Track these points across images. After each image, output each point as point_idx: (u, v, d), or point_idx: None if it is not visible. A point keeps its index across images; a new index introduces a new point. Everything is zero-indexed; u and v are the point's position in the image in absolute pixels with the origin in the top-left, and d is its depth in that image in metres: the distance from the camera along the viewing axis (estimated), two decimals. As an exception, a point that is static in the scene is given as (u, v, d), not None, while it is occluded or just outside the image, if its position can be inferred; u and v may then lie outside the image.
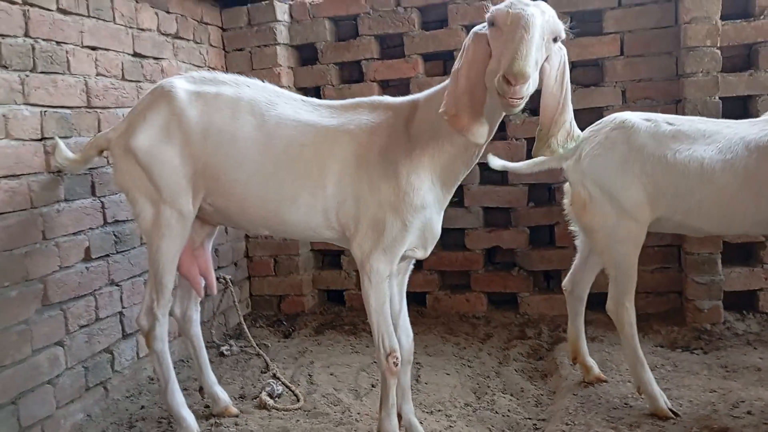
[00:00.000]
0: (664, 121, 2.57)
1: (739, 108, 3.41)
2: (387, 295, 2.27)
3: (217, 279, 2.87)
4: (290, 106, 2.34)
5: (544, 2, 1.85)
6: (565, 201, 2.79)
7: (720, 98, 3.32)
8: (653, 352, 3.08)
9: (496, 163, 2.94)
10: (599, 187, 2.53)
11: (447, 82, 2.16)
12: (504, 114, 2.08)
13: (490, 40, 1.86)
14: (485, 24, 1.90)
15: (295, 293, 4.12)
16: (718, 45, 3.30)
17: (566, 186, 2.76)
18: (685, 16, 3.30)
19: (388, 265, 2.23)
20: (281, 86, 3.02)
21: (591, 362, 2.86)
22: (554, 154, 1.99)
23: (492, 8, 1.86)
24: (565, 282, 2.92)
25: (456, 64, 1.98)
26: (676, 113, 3.28)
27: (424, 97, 2.21)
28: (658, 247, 3.58)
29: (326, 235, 2.34)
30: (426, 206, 2.18)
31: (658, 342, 3.25)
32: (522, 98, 1.72)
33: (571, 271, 2.91)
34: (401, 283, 2.49)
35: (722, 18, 3.31)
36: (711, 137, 2.47)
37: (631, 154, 2.50)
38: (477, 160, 2.19)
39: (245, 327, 3.44)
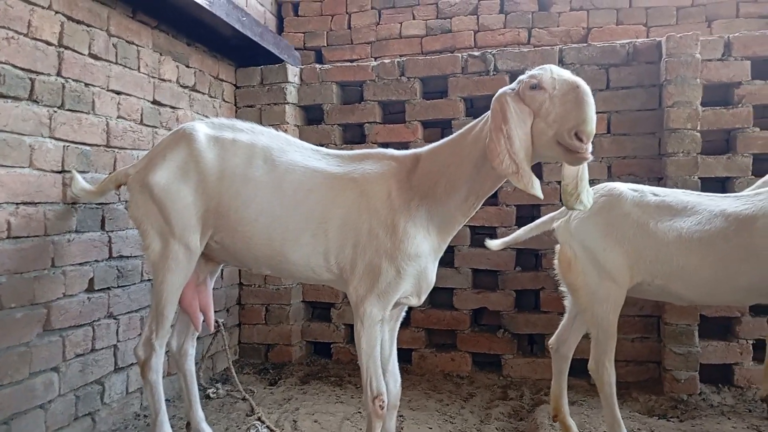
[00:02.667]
0: (650, 192, 2.75)
1: (717, 188, 3.61)
2: (378, 339, 2.36)
3: (211, 321, 2.96)
4: (300, 153, 2.50)
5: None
6: (555, 261, 2.94)
7: (699, 178, 3.53)
8: (631, 418, 3.15)
9: (495, 243, 3.06)
10: (584, 248, 2.70)
11: (448, 138, 2.36)
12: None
13: (530, 101, 2.02)
14: (513, 87, 2.09)
15: (283, 343, 4.18)
16: (699, 129, 3.54)
17: (557, 246, 2.92)
18: (669, 101, 3.56)
19: (381, 310, 2.34)
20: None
21: (571, 422, 2.93)
22: (585, 208, 2.17)
23: (534, 73, 2.05)
24: (552, 340, 3.03)
25: (494, 124, 2.06)
26: (658, 190, 3.49)
27: (427, 151, 2.38)
28: (639, 317, 3.71)
29: (325, 276, 2.45)
30: (421, 255, 2.31)
31: (636, 409, 3.32)
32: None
33: (558, 330, 3.02)
34: (393, 329, 2.59)
35: (703, 104, 3.57)
36: (693, 208, 2.62)
37: (616, 220, 2.67)
38: (474, 212, 2.34)
39: (233, 371, 3.49)
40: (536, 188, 2.02)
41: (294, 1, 5.39)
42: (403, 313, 2.62)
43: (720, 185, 3.66)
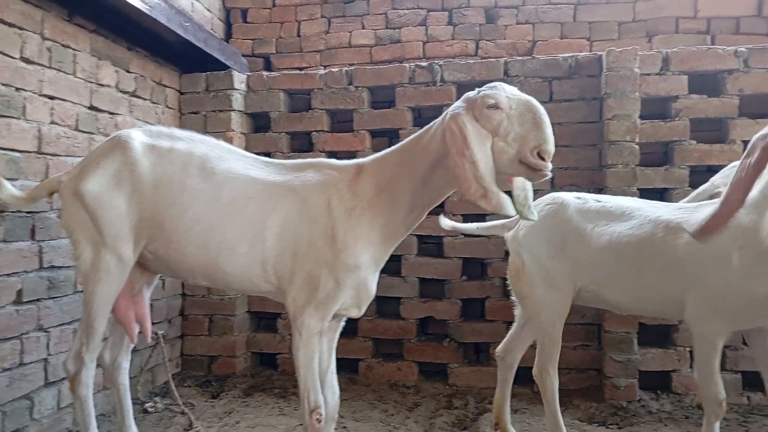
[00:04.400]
0: (593, 199, 2.78)
1: (656, 199, 3.66)
2: (316, 351, 2.32)
3: (150, 333, 2.88)
4: (240, 162, 2.45)
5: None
6: (507, 270, 2.96)
7: (638, 189, 3.62)
8: (571, 425, 3.19)
9: (446, 223, 3.14)
10: (531, 257, 2.73)
11: (393, 149, 2.34)
12: None
13: (487, 120, 2.03)
14: (462, 105, 2.09)
15: (227, 354, 4.10)
16: (637, 141, 3.63)
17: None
18: (608, 114, 3.65)
19: (320, 321, 2.30)
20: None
21: (512, 430, 2.95)
22: (536, 218, 2.24)
23: (487, 92, 2.05)
24: (499, 349, 3.03)
25: (455, 148, 2.03)
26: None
27: (371, 161, 2.36)
28: (580, 325, 3.76)
29: (263, 287, 2.41)
30: (360, 266, 2.28)
31: (577, 416, 3.37)
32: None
33: (506, 338, 3.03)
34: (331, 341, 2.54)
35: (642, 117, 3.67)
36: (631, 214, 2.62)
37: (558, 227, 2.70)
38: (418, 223, 2.34)
39: (173, 384, 3.40)
40: (507, 207, 2.04)
41: (243, 8, 5.33)
42: (343, 324, 2.58)
43: (659, 196, 3.75)
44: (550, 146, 1.98)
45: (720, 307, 2.39)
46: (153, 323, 3.56)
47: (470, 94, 2.13)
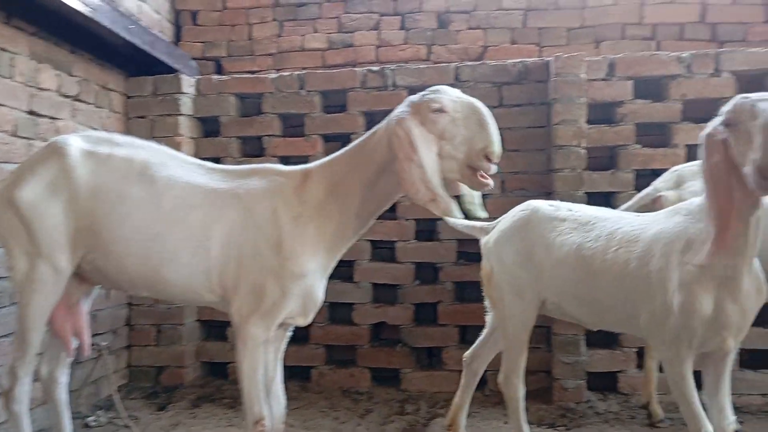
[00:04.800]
0: (565, 207, 2.68)
1: (603, 203, 3.74)
2: (261, 361, 2.29)
3: (91, 346, 2.79)
4: (183, 168, 2.39)
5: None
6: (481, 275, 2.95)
7: (585, 193, 3.68)
8: (521, 428, 3.22)
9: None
10: (500, 264, 2.70)
11: (339, 154, 2.33)
12: None
13: (432, 124, 2.04)
14: (406, 110, 2.10)
15: (175, 365, 4.00)
16: (584, 146, 3.70)
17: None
18: (556, 119, 3.70)
19: (265, 331, 2.28)
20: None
21: (464, 434, 2.96)
22: (487, 215, 2.29)
23: (431, 96, 2.06)
24: (466, 354, 2.99)
25: (402, 153, 2.04)
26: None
27: (317, 167, 2.34)
28: (531, 328, 3.80)
29: (207, 297, 2.36)
30: (307, 273, 2.26)
31: (526, 419, 3.39)
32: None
33: (474, 345, 2.99)
34: (277, 350, 2.50)
35: (588, 122, 3.74)
36: (594, 225, 2.51)
37: (527, 235, 2.63)
38: (366, 229, 2.33)
39: (116, 396, 3.31)
40: (455, 211, 2.08)
41: (192, 10, 5.24)
42: (290, 334, 2.55)
43: (605, 200, 3.82)
44: (497, 147, 2.01)
45: (665, 331, 2.24)
46: (97, 334, 3.50)
47: (413, 98, 2.14)
